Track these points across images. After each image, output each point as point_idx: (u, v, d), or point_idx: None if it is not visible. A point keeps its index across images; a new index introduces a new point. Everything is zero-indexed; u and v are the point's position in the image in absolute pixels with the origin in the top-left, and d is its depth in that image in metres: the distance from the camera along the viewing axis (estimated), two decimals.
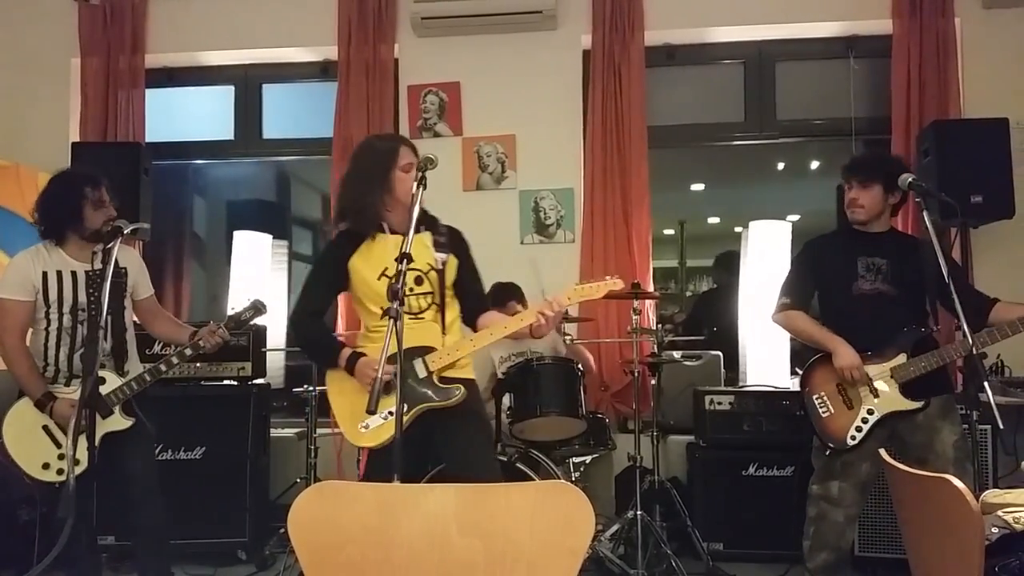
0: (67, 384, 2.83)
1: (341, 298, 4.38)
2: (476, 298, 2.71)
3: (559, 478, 3.37)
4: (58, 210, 2.82)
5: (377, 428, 2.46)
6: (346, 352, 2.53)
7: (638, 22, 4.31)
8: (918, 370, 2.79)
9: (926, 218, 2.62)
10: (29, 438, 2.71)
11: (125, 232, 2.73)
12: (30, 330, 2.85)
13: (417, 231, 2.48)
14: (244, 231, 4.64)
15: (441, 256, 2.57)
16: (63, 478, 2.75)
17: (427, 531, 1.32)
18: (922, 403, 2.79)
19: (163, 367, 2.84)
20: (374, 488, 1.41)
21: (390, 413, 2.43)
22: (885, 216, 2.97)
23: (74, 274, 2.84)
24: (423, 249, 2.57)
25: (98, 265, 2.84)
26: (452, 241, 2.63)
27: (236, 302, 3.40)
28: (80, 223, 2.81)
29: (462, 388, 2.50)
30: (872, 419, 2.82)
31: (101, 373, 2.76)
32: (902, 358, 2.82)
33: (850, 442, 2.83)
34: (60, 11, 4.69)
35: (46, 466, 2.76)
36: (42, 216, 2.84)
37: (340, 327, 4.38)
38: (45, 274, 2.79)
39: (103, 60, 4.62)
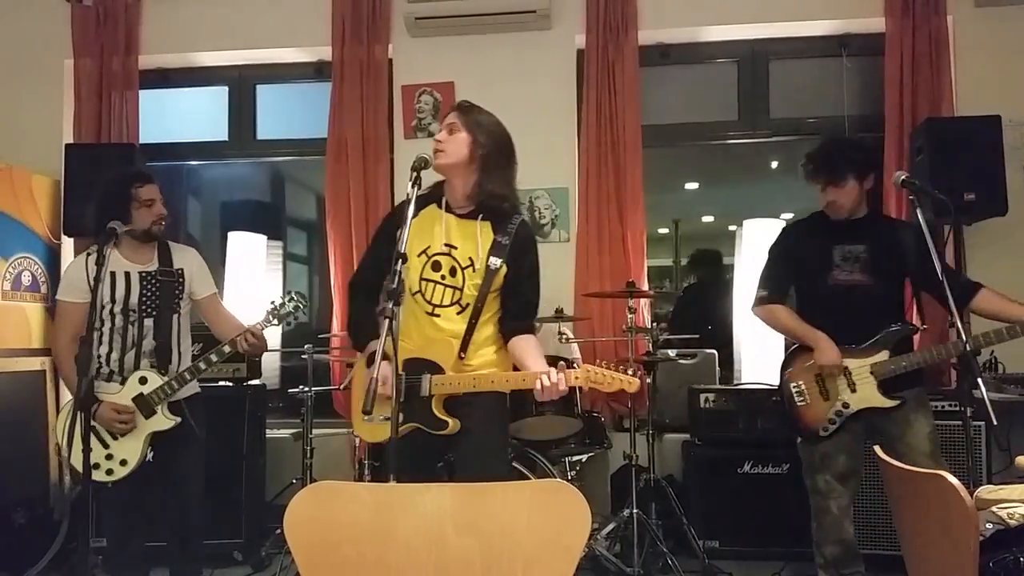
0: (122, 384, 2.85)
1: (340, 295, 4.39)
2: (516, 311, 2.46)
3: (555, 477, 3.37)
4: (107, 212, 2.81)
5: (375, 425, 2.41)
6: (372, 345, 2.43)
7: (632, 21, 4.31)
8: (899, 368, 2.80)
9: (919, 216, 2.63)
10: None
11: (119, 233, 2.79)
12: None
13: (476, 217, 2.41)
14: (239, 232, 4.63)
15: (495, 261, 2.38)
16: (112, 478, 2.81)
17: (424, 530, 1.32)
18: (897, 402, 2.80)
19: (202, 365, 2.85)
20: (370, 488, 1.41)
21: (386, 418, 2.34)
22: (863, 202, 2.95)
23: (127, 275, 2.88)
24: (472, 240, 2.40)
25: (151, 267, 2.92)
26: (514, 244, 2.41)
27: (233, 304, 3.40)
28: (128, 223, 2.84)
29: (452, 423, 2.39)
30: (847, 412, 2.84)
31: (143, 373, 2.83)
32: (884, 355, 2.82)
33: (822, 433, 2.86)
34: (53, 12, 4.66)
35: (96, 466, 2.78)
36: (94, 219, 2.83)
37: (335, 327, 4.36)
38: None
39: (96, 61, 4.60)
